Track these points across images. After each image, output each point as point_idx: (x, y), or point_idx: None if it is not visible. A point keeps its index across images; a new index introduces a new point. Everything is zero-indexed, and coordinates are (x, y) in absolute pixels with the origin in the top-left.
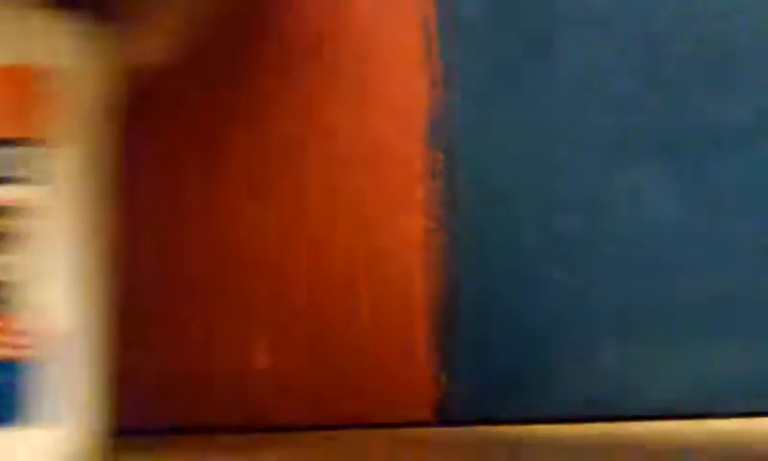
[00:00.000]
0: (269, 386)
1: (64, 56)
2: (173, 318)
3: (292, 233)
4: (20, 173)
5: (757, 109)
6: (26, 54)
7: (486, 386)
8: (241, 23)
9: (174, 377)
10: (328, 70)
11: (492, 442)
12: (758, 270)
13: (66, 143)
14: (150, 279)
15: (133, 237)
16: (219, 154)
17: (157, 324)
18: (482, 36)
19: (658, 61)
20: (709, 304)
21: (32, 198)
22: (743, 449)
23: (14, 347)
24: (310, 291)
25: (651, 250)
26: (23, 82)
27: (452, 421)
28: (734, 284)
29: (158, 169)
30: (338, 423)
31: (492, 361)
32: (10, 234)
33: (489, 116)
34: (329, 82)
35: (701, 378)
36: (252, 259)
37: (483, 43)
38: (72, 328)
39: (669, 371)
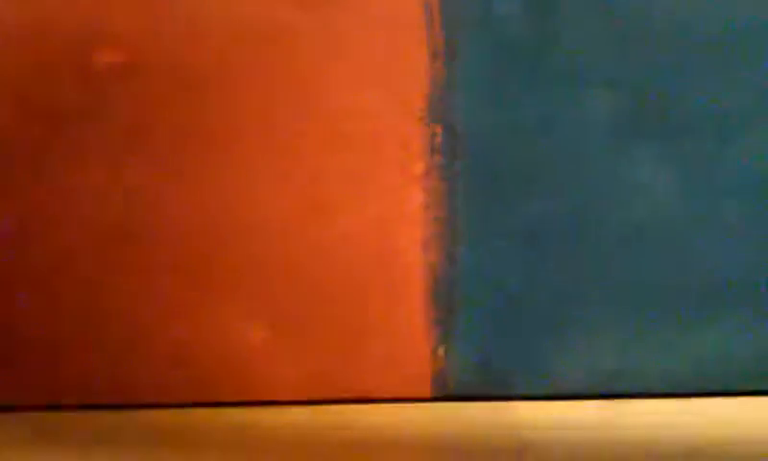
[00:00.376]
0: (265, 361)
1: None
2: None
3: (290, 210)
4: None
5: (759, 93)
6: None
7: (484, 362)
8: None
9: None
10: (327, 42)
11: (491, 418)
12: (759, 255)
13: None
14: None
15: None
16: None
17: None
18: (484, 14)
19: (659, 45)
20: (711, 289)
21: None
22: (743, 429)
23: None
24: (307, 267)
25: (652, 234)
26: None
27: (450, 396)
28: (735, 269)
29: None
30: (335, 398)
31: (490, 336)
32: None
33: (490, 91)
34: (328, 55)
35: (699, 362)
36: (246, 231)
37: (484, 21)
38: None
39: (669, 354)
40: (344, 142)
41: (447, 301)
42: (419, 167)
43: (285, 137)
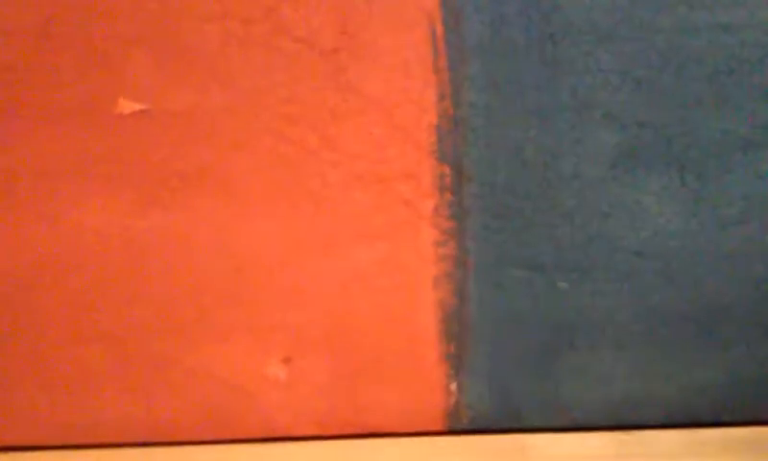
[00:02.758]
0: (280, 396)
1: None
2: None
3: (303, 247)
4: None
5: (759, 121)
6: None
7: (495, 395)
8: None
9: None
10: (339, 86)
11: (504, 450)
12: (760, 280)
13: None
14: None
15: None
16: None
17: None
18: (488, 52)
19: (661, 75)
20: (712, 314)
21: None
22: (755, 459)
23: None
24: (321, 304)
25: (654, 260)
26: None
27: (462, 430)
28: (736, 294)
29: None
30: (350, 433)
31: (501, 370)
32: None
33: (495, 130)
34: (338, 95)
35: (702, 387)
36: (261, 268)
37: (489, 58)
38: None
39: (673, 379)
40: (356, 182)
41: (459, 335)
42: (429, 205)
43: (299, 177)
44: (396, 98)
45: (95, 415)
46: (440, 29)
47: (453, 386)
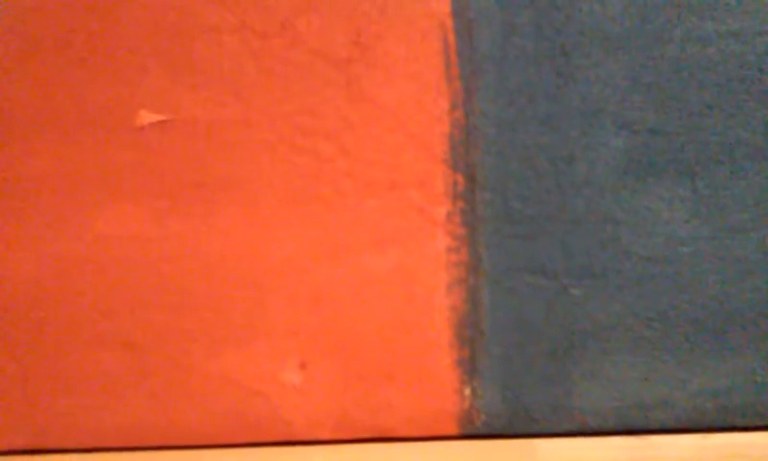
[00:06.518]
0: (294, 401)
1: None
2: None
3: (318, 254)
4: None
5: None
6: None
7: (508, 400)
8: None
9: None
10: (353, 96)
11: (517, 455)
12: None
13: None
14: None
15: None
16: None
17: None
18: (500, 61)
19: (671, 83)
20: (723, 320)
21: None
22: None
23: None
24: (335, 309)
25: (665, 266)
26: None
27: (475, 434)
28: (747, 300)
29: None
30: (363, 437)
31: (514, 375)
32: None
33: (507, 138)
34: (352, 105)
35: (713, 392)
36: (276, 274)
37: (501, 67)
38: None
39: (685, 385)
40: (370, 189)
41: (471, 341)
42: (441, 213)
43: (314, 185)
44: (409, 107)
45: (114, 419)
46: (452, 39)
47: (466, 391)
